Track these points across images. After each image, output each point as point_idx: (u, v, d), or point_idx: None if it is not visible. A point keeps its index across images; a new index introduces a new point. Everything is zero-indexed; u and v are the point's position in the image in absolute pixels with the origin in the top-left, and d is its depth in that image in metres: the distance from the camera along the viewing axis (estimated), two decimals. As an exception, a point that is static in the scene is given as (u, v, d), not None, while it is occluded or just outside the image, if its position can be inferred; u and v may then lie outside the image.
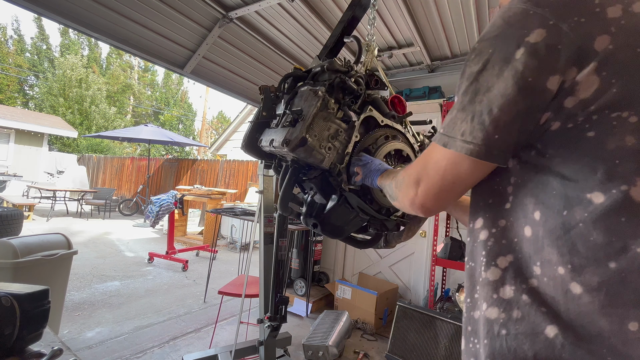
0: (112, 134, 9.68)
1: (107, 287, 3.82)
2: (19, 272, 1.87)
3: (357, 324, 3.13)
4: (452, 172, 0.54)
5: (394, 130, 0.85)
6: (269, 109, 0.85)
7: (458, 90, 0.55)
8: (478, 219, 0.59)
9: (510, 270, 0.51)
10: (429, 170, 0.57)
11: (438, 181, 0.55)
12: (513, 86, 0.46)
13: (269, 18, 2.76)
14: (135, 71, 23.43)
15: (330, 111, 0.73)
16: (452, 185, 0.55)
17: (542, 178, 0.49)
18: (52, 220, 7.74)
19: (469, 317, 0.57)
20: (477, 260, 0.57)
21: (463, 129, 0.51)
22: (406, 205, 0.62)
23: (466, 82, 0.52)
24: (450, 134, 0.53)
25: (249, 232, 5.97)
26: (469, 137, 0.50)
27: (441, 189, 0.56)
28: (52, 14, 1.96)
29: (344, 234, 0.80)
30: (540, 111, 0.46)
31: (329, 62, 0.80)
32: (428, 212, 0.60)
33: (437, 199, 0.57)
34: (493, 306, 0.51)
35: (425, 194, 0.57)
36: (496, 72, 0.48)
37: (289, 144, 0.68)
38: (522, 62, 0.45)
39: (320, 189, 0.78)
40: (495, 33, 0.49)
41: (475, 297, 0.56)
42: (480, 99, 0.49)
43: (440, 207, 0.59)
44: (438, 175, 0.55)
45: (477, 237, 0.58)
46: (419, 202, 0.59)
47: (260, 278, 2.00)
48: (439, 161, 0.55)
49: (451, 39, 3.03)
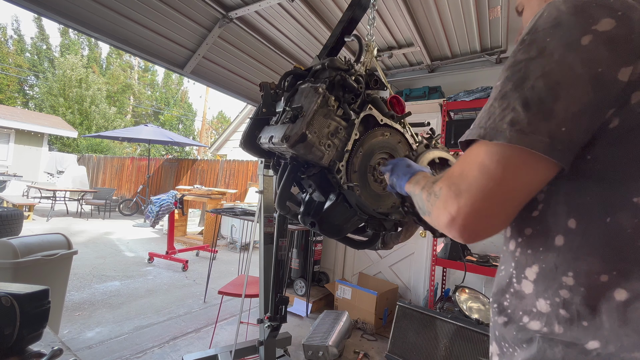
0: (112, 134, 9.67)
1: (107, 287, 3.82)
2: (19, 272, 1.87)
3: (357, 324, 3.13)
4: (511, 180, 0.43)
5: (393, 129, 0.85)
6: (268, 106, 0.85)
7: (497, 82, 0.47)
8: (508, 227, 0.55)
9: (539, 282, 0.48)
10: (474, 178, 0.45)
11: (489, 193, 0.43)
12: (582, 74, 0.39)
13: (269, 18, 2.76)
14: (135, 71, 23.43)
15: (330, 108, 0.73)
16: (510, 196, 0.44)
17: (579, 183, 0.45)
18: (52, 220, 7.74)
19: (495, 322, 0.55)
20: (507, 270, 0.54)
21: (511, 117, 0.42)
22: (443, 225, 0.49)
23: (509, 71, 0.45)
24: (488, 125, 0.44)
25: (249, 232, 5.97)
26: (526, 126, 0.40)
27: (492, 200, 0.43)
28: (52, 14, 1.96)
29: (342, 233, 0.79)
30: (609, 106, 0.41)
31: (330, 60, 0.79)
32: (472, 238, 0.46)
33: (487, 216, 0.44)
34: (535, 319, 0.48)
35: (471, 209, 0.44)
36: (556, 58, 0.41)
37: (289, 140, 0.67)
38: (591, 49, 0.39)
39: (318, 186, 0.77)
40: (552, 23, 0.43)
41: (505, 305, 0.53)
42: (532, 84, 0.41)
43: (490, 227, 0.46)
44: (488, 183, 0.43)
45: (508, 246, 0.55)
46: (461, 222, 0.45)
47: (260, 278, 2.00)
48: (490, 168, 0.43)
49: (451, 39, 3.03)
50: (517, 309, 0.51)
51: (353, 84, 0.76)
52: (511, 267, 0.53)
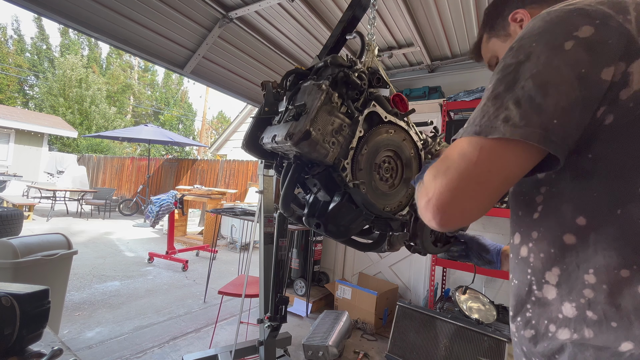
0: (112, 134, 9.68)
1: (107, 287, 3.82)
2: (19, 272, 1.87)
3: (357, 324, 3.13)
4: (487, 162, 0.44)
5: (398, 127, 0.85)
6: (270, 105, 0.83)
7: (488, 85, 0.49)
8: (515, 233, 0.55)
9: (563, 285, 0.47)
10: (452, 161, 0.46)
11: (463, 172, 0.44)
12: (568, 72, 0.42)
13: (269, 18, 2.76)
14: (135, 71, 23.43)
15: (334, 105, 0.72)
16: (485, 177, 0.44)
17: (583, 182, 0.46)
18: (52, 220, 7.74)
19: (520, 337, 0.53)
20: (522, 279, 0.53)
21: (505, 115, 0.43)
22: (422, 209, 0.50)
23: (500, 74, 0.47)
24: (483, 123, 0.45)
25: (249, 232, 5.97)
26: (518, 121, 0.42)
27: (467, 181, 0.44)
28: (52, 14, 1.96)
29: (348, 234, 0.77)
30: (596, 102, 0.43)
31: (332, 57, 0.78)
32: (445, 221, 0.46)
33: (461, 198, 0.45)
34: (563, 327, 0.46)
35: (445, 188, 0.45)
36: (542, 61, 0.44)
37: (293, 138, 0.66)
38: (573, 53, 0.42)
39: (324, 185, 0.76)
40: (537, 31, 0.46)
41: (528, 316, 0.51)
42: (522, 85, 0.44)
43: (464, 212, 0.46)
44: (465, 164, 0.45)
45: (518, 253, 0.54)
46: (434, 203, 0.46)
47: (260, 278, 2.00)
48: (468, 152, 0.45)
49: (451, 39, 3.03)
50: (542, 318, 0.49)
51: (356, 80, 0.75)
52: (527, 274, 0.52)
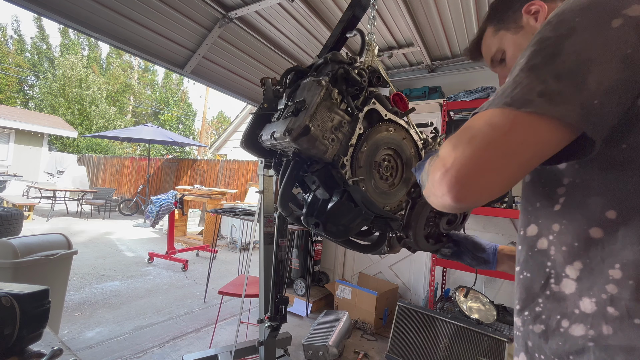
0: (112, 134, 9.68)
1: (107, 287, 3.82)
2: (19, 272, 1.87)
3: (357, 324, 3.13)
4: (520, 134, 0.40)
5: (398, 125, 0.84)
6: (270, 101, 0.83)
7: (520, 58, 0.45)
8: (530, 225, 0.53)
9: (584, 280, 0.45)
10: (478, 130, 0.42)
11: (492, 142, 0.40)
12: (613, 51, 0.39)
13: (269, 18, 2.76)
14: (135, 71, 23.43)
15: (333, 101, 0.72)
16: (515, 150, 0.40)
17: (616, 173, 0.44)
18: (52, 220, 7.74)
19: (527, 331, 0.51)
20: (537, 271, 0.50)
21: (541, 89, 0.40)
22: (435, 183, 0.44)
23: (537, 45, 0.43)
24: (515, 95, 0.41)
25: (249, 232, 5.97)
26: (556, 96, 0.39)
27: (494, 151, 0.40)
28: (52, 14, 1.96)
29: (347, 234, 0.76)
30: (638, 88, 0.40)
31: (332, 54, 0.78)
32: (463, 195, 0.42)
33: (485, 169, 0.40)
34: (577, 322, 0.44)
35: (468, 158, 0.41)
36: (587, 37, 0.40)
37: (292, 133, 0.66)
38: (621, 31, 0.39)
39: (322, 182, 0.75)
40: (582, 5, 0.42)
41: (537, 311, 0.50)
42: (564, 59, 0.40)
43: (486, 186, 0.41)
44: (494, 134, 0.40)
45: (533, 245, 0.51)
46: (453, 174, 0.41)
47: (260, 278, 2.00)
48: (499, 122, 0.41)
49: (451, 39, 3.03)
50: (554, 313, 0.47)
51: (356, 77, 0.75)
52: (546, 267, 0.49)
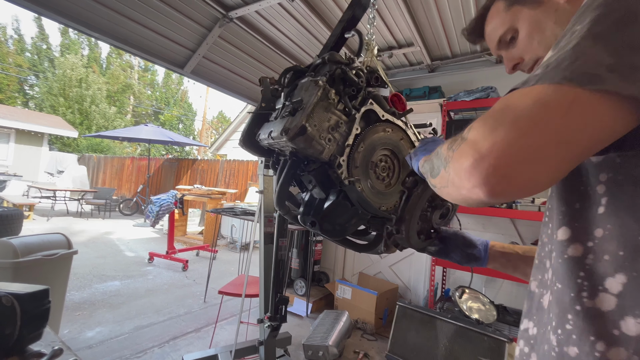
0: (112, 134, 9.68)
1: (107, 286, 3.82)
2: (19, 272, 1.88)
3: (357, 324, 3.13)
4: (583, 116, 0.32)
5: (395, 126, 0.85)
6: (268, 101, 0.84)
7: (575, 24, 0.38)
8: (562, 228, 0.45)
9: (627, 296, 0.38)
10: (526, 110, 0.34)
11: (547, 125, 0.33)
12: None
13: (269, 18, 2.76)
14: (135, 71, 23.44)
15: (330, 102, 0.72)
16: (575, 136, 0.33)
17: None
18: (52, 220, 7.74)
19: (562, 354, 0.43)
20: (568, 283, 0.43)
21: (612, 62, 0.32)
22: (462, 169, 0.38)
23: (602, 9, 0.35)
24: (577, 68, 0.33)
25: (249, 232, 5.97)
26: (631, 73, 0.31)
27: (548, 135, 0.33)
28: (52, 14, 1.96)
29: (343, 233, 0.77)
30: None
31: (330, 54, 0.79)
32: (502, 188, 0.35)
33: (536, 158, 0.33)
34: (616, 346, 0.38)
35: (512, 143, 0.33)
36: None
37: (288, 133, 0.66)
38: None
39: (319, 182, 0.76)
40: None
41: (569, 329, 0.42)
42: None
43: (534, 177, 0.34)
44: (549, 115, 0.33)
45: (564, 251, 0.44)
46: (491, 162, 0.34)
47: (260, 278, 2.00)
48: (554, 101, 0.33)
49: (451, 38, 3.03)
50: (586, 333, 0.40)
51: (354, 77, 0.76)
52: (578, 277, 0.42)
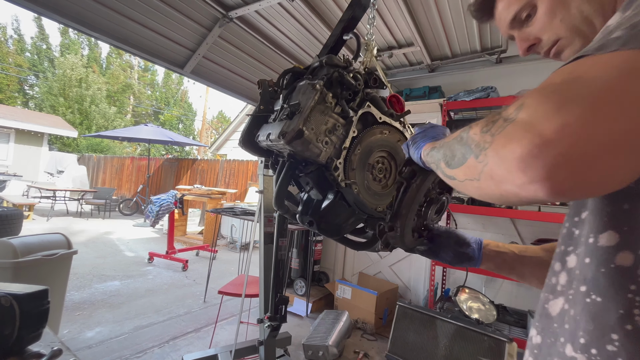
0: (112, 134, 9.68)
1: (107, 286, 3.82)
2: (18, 272, 1.87)
3: (357, 323, 3.13)
4: None
5: (392, 128, 0.85)
6: (266, 103, 0.85)
7: None
8: (607, 232, 0.38)
9: None
10: (608, 84, 0.27)
11: (632, 104, 0.26)
12: None
13: (269, 18, 2.76)
14: (135, 71, 23.44)
15: (328, 105, 0.73)
16: None
17: None
18: (52, 220, 7.74)
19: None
20: (611, 296, 0.37)
21: None
22: (507, 163, 0.30)
23: None
24: None
25: (249, 231, 5.97)
26: None
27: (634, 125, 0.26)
28: (52, 14, 1.96)
29: (340, 232, 0.79)
30: None
31: (328, 57, 0.80)
32: (572, 184, 0.27)
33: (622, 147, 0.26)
34: None
35: (588, 130, 0.26)
36: None
37: (286, 136, 0.67)
38: None
39: (316, 184, 0.77)
40: None
41: (612, 351, 0.36)
42: None
43: (614, 171, 0.27)
44: (629, 79, 0.27)
45: (611, 260, 0.37)
46: (560, 151, 0.26)
47: (260, 278, 2.00)
48: (626, 62, 0.27)
49: (451, 38, 3.02)
50: (638, 358, 0.35)
51: (351, 80, 0.76)
52: (627, 291, 0.35)
